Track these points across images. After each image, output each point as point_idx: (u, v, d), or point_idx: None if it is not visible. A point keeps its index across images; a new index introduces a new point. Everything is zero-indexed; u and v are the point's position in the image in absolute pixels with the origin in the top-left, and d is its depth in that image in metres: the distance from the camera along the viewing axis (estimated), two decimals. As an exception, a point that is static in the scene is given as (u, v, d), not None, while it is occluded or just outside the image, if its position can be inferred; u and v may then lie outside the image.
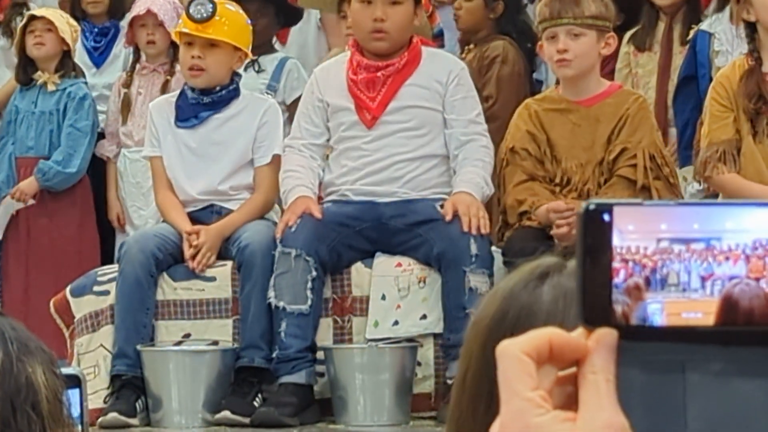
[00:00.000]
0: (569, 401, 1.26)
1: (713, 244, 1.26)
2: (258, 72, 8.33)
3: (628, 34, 8.15)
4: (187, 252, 6.95)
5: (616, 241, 1.25)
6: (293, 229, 6.75)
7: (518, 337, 1.28)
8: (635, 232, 1.26)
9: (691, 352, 1.27)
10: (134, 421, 6.60)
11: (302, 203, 6.80)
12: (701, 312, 1.27)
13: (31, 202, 8.35)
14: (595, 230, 1.26)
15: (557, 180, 6.91)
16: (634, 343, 1.26)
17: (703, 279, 1.27)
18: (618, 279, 1.25)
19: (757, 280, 1.26)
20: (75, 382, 2.59)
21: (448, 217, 6.71)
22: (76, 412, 2.53)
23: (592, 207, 1.25)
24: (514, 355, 1.27)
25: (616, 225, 1.25)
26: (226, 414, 6.60)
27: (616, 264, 1.25)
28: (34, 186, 8.35)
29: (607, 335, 1.25)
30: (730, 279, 1.26)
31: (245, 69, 7.74)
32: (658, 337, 1.27)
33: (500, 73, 7.89)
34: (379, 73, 7.00)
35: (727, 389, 1.27)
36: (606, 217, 1.25)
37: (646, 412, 1.27)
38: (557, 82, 7.20)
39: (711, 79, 7.31)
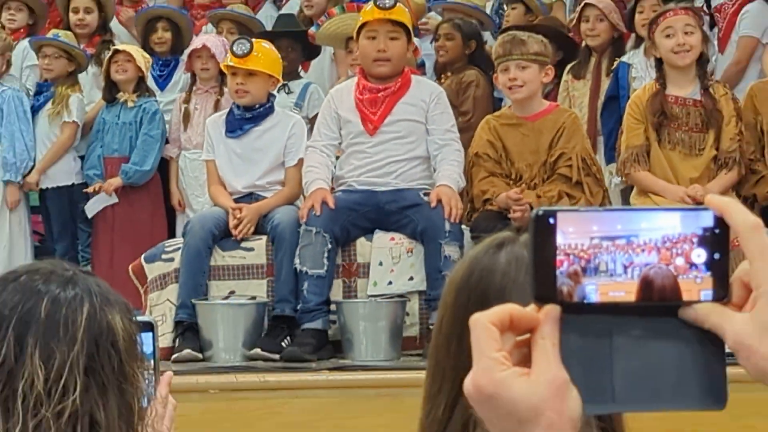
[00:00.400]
0: (524, 360, 1.35)
1: (632, 240, 1.33)
2: (288, 93, 8.37)
3: (567, 67, 8.23)
4: (231, 223, 6.94)
5: (560, 239, 1.33)
6: (316, 212, 6.80)
7: (486, 311, 1.35)
8: (574, 232, 1.33)
9: (616, 322, 1.34)
10: (198, 354, 6.66)
11: (320, 194, 6.81)
12: (624, 291, 1.33)
13: (114, 200, 8.41)
14: (543, 231, 1.33)
15: (512, 177, 6.94)
16: (573, 315, 1.34)
17: (625, 267, 1.33)
18: (562, 268, 1.33)
19: (667, 265, 1.34)
20: (149, 327, 2.59)
21: (433, 204, 6.71)
22: (149, 349, 2.52)
23: (540, 213, 1.34)
24: (483, 324, 1.35)
25: (559, 227, 1.34)
26: (257, 351, 6.61)
27: (560, 257, 1.32)
28: (119, 182, 8.40)
29: (552, 310, 1.33)
30: (645, 266, 1.33)
31: (278, 91, 7.74)
32: (592, 311, 1.34)
33: (475, 94, 7.92)
34: (379, 94, 7.01)
35: (644, 350, 1.35)
36: (551, 221, 1.34)
37: (582, 368, 1.34)
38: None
39: (629, 99, 7.37)
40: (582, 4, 8.33)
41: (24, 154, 8.62)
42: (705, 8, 8.34)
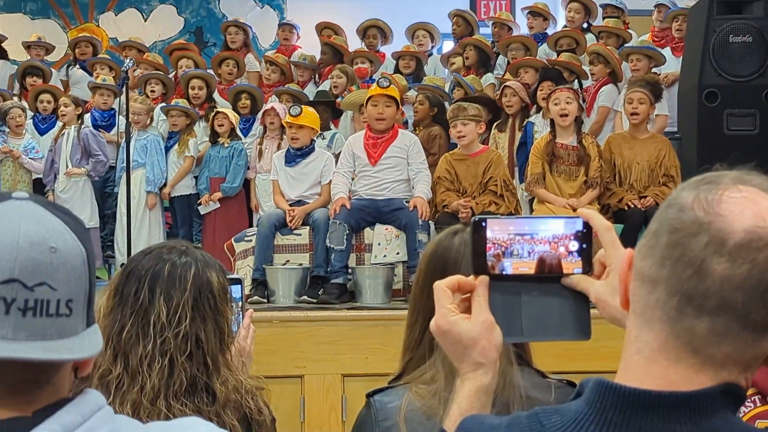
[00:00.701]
0: (467, 310, 1.37)
1: (534, 236, 1.37)
2: (323, 139, 8.32)
3: (495, 124, 8.20)
4: (288, 218, 6.92)
5: (489, 234, 1.36)
6: (338, 212, 6.78)
7: (444, 279, 1.40)
8: (498, 230, 1.36)
9: (523, 286, 1.37)
10: (264, 300, 6.63)
11: (341, 200, 6.81)
12: (528, 267, 1.37)
13: (217, 205, 8.38)
14: (478, 230, 1.36)
15: (460, 191, 6.92)
16: (496, 282, 1.36)
17: (530, 252, 1.37)
18: (490, 252, 1.36)
19: (555, 252, 1.37)
20: (239, 282, 2.66)
21: (411, 208, 6.70)
22: (238, 295, 2.59)
23: (477, 219, 1.38)
24: (441, 287, 1.38)
25: (489, 227, 1.36)
26: (304, 297, 6.58)
27: (489, 245, 1.36)
28: (220, 195, 8.38)
29: (484, 278, 1.37)
30: (542, 252, 1.37)
31: (317, 137, 7.75)
32: (508, 279, 1.37)
33: (440, 142, 7.87)
34: (378, 140, 6.98)
35: (540, 303, 1.38)
36: (483, 224, 1.37)
37: (502, 314, 1.36)
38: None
39: (533, 144, 7.36)
40: (502, 86, 8.32)
41: (159, 175, 8.62)
42: (579, 88, 8.34)
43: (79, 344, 1.24)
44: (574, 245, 1.39)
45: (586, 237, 1.40)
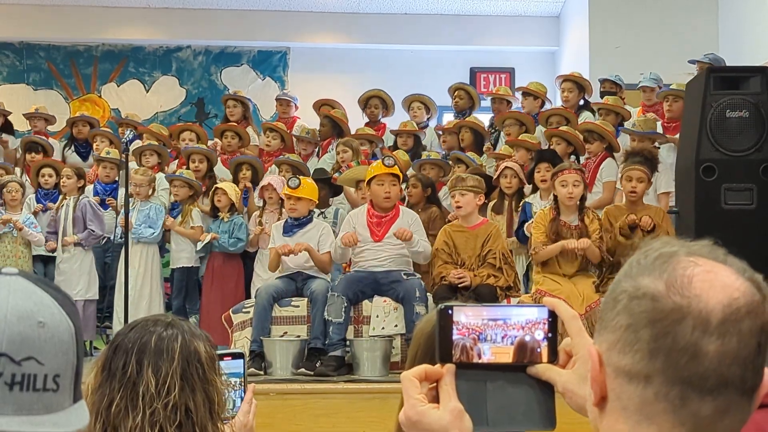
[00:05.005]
0: (435, 399, 1.33)
1: (507, 321, 1.35)
2: (325, 218, 8.31)
3: (490, 206, 8.12)
4: (286, 249, 7.04)
5: (463, 319, 1.35)
6: (336, 282, 6.78)
7: (411, 369, 1.37)
8: (472, 315, 1.34)
9: (488, 374, 1.34)
10: (260, 372, 6.60)
11: (351, 235, 6.93)
12: (499, 354, 1.35)
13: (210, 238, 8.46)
14: (445, 317, 1.34)
15: (458, 264, 6.94)
16: (462, 370, 1.33)
17: (503, 337, 1.35)
18: (464, 337, 1.34)
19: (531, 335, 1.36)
20: (241, 356, 2.67)
21: (396, 233, 6.85)
22: (240, 369, 2.63)
23: (443, 307, 1.36)
24: (408, 378, 1.35)
25: (460, 311, 1.34)
26: (302, 370, 6.57)
27: (463, 330, 1.35)
28: (217, 236, 8.47)
29: (451, 367, 1.33)
30: (515, 338, 1.36)
31: (318, 215, 7.88)
32: (474, 368, 1.34)
33: (439, 222, 7.84)
34: (383, 219, 7.07)
35: (505, 392, 1.35)
36: (449, 311, 1.35)
37: (468, 405, 1.33)
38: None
39: (529, 221, 7.35)
40: (503, 167, 8.25)
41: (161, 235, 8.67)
42: (576, 163, 8.35)
43: (66, 419, 1.23)
44: (540, 333, 1.39)
45: (552, 326, 1.39)
